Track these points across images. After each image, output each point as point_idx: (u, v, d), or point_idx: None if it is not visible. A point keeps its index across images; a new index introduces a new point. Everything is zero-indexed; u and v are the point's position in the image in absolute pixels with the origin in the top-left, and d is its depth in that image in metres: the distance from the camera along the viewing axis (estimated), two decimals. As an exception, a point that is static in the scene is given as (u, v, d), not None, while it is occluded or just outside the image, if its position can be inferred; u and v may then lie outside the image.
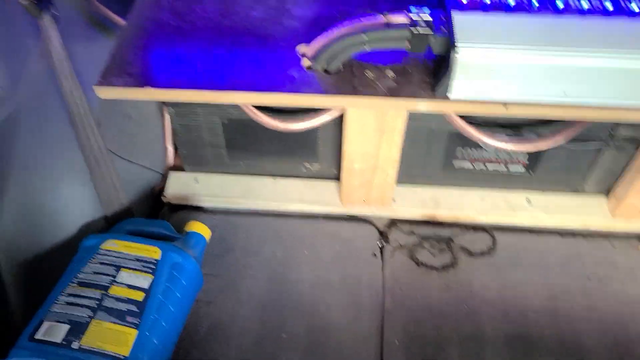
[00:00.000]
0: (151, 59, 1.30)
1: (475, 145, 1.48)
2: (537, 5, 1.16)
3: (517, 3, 1.17)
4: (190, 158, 1.69)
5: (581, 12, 1.15)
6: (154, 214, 1.69)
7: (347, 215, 1.63)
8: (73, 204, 1.45)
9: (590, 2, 1.16)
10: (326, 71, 1.22)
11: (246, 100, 1.25)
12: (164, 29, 1.36)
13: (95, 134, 1.44)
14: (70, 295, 1.25)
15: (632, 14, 1.14)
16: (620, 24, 1.12)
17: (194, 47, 1.31)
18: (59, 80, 1.36)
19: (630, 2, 1.16)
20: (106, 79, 1.26)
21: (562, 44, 1.09)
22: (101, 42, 1.56)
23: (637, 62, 1.06)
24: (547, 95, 1.12)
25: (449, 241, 1.57)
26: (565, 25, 1.12)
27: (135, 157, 1.63)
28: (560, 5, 1.16)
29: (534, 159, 1.50)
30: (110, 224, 1.52)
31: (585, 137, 1.41)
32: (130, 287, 1.28)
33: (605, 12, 1.15)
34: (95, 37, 1.59)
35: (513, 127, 1.40)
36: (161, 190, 1.70)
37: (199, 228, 1.48)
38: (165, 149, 1.73)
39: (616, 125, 1.38)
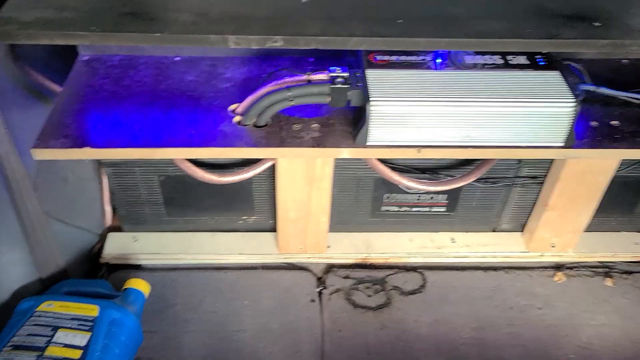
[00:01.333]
0: (88, 122, 1.36)
1: (400, 190, 1.60)
2: (439, 61, 1.33)
3: (421, 61, 1.33)
4: (129, 217, 1.72)
5: (477, 66, 1.32)
6: (93, 275, 1.69)
7: (286, 264, 1.69)
8: (8, 268, 1.45)
9: (484, 59, 1.34)
10: (256, 126, 1.32)
11: (181, 155, 1.32)
12: (101, 94, 1.43)
13: (32, 197, 1.46)
14: None
15: (519, 67, 1.33)
16: (510, 76, 1.30)
17: (130, 109, 1.38)
18: (-5, 145, 1.39)
19: (514, 57, 1.34)
20: (43, 141, 1.31)
21: (462, 94, 1.25)
22: (38, 108, 1.61)
23: (524, 108, 1.23)
24: (453, 139, 1.27)
25: (382, 282, 1.65)
26: (464, 78, 1.29)
27: (73, 219, 1.65)
28: (459, 62, 1.33)
29: (452, 200, 1.64)
30: (46, 287, 1.51)
31: (493, 177, 1.56)
32: (67, 346, 1.28)
33: (496, 67, 1.32)
34: (32, 104, 1.63)
35: (431, 171, 1.54)
36: (99, 251, 1.71)
37: (138, 284, 1.50)
38: (103, 210, 1.76)
39: (519, 165, 1.55)
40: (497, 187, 1.59)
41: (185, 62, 1.53)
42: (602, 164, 1.45)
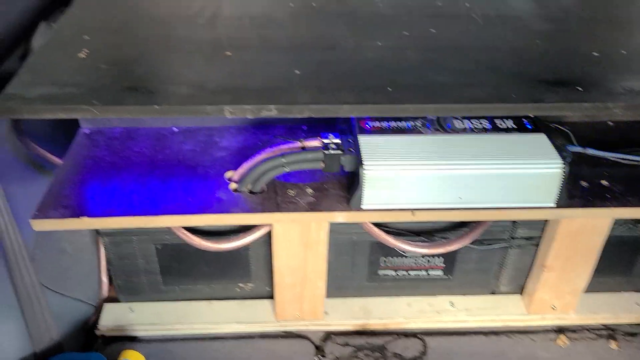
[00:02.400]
0: (87, 192, 1.39)
1: (396, 253, 1.60)
2: (428, 127, 1.37)
3: (412, 126, 1.37)
4: (125, 288, 1.71)
5: (465, 131, 1.36)
6: (88, 347, 1.66)
7: (283, 332, 1.67)
8: (1, 340, 1.42)
9: (471, 123, 1.39)
10: (252, 192, 1.34)
11: (178, 222, 1.34)
12: (100, 164, 1.47)
13: (29, 269, 1.46)
14: None
15: (506, 130, 1.37)
16: (498, 139, 1.34)
17: (129, 179, 1.41)
18: (-5, 217, 1.41)
19: (502, 122, 1.39)
20: (42, 212, 1.33)
21: (452, 158, 1.28)
22: (39, 181, 1.64)
23: (513, 170, 1.26)
24: (445, 201, 1.29)
25: (382, 349, 1.62)
26: (454, 142, 1.33)
27: (69, 291, 1.64)
28: (448, 127, 1.37)
29: (449, 262, 1.63)
30: (40, 360, 1.48)
31: (489, 239, 1.57)
32: (59, 422, 1.24)
33: (485, 130, 1.36)
34: (33, 177, 1.67)
35: (426, 234, 1.55)
36: (95, 322, 1.69)
37: (132, 356, 1.47)
38: (100, 280, 1.75)
39: (514, 226, 1.56)
40: (493, 249, 1.59)
41: (183, 132, 1.58)
42: (595, 224, 1.46)
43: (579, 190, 1.38)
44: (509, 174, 1.26)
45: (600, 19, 1.72)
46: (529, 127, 1.38)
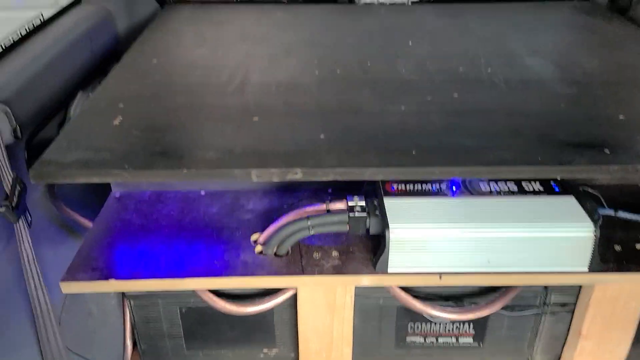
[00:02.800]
0: (115, 254, 1.41)
1: (424, 319, 1.56)
2: (454, 190, 1.37)
3: (437, 189, 1.37)
4: (149, 352, 1.69)
5: (492, 193, 1.35)
6: (108, 414, 1.63)
7: (308, 401, 1.61)
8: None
9: (498, 186, 1.38)
10: (277, 255, 1.34)
11: (203, 285, 1.34)
12: (129, 227, 1.49)
13: (56, 333, 1.46)
14: None
15: (533, 193, 1.35)
16: (525, 202, 1.32)
17: (156, 242, 1.43)
18: (26, 280, 1.43)
19: (529, 184, 1.37)
20: (71, 274, 1.35)
21: (480, 220, 1.27)
22: (69, 243, 1.67)
23: (541, 233, 1.24)
24: (473, 265, 1.27)
25: (411, 422, 1.55)
26: (480, 204, 1.32)
27: (94, 355, 1.63)
28: (474, 189, 1.36)
29: (480, 329, 1.58)
30: None
31: (521, 304, 1.52)
32: None
33: (511, 193, 1.35)
34: (64, 240, 1.70)
35: (455, 299, 1.51)
36: (117, 388, 1.67)
37: None
38: (124, 344, 1.74)
39: (547, 291, 1.51)
40: (526, 316, 1.54)
41: (210, 195, 1.61)
42: (632, 289, 1.40)
43: (612, 254, 1.34)
44: (538, 238, 1.24)
45: (624, 82, 1.72)
46: (557, 190, 1.37)
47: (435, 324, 1.57)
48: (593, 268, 1.27)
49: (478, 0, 2.65)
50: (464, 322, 1.55)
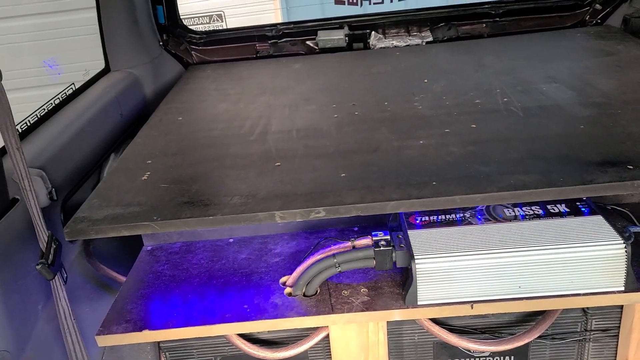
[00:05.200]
0: (148, 306, 1.43)
1: (463, 354, 1.52)
2: (478, 218, 1.36)
3: (461, 218, 1.37)
4: (187, 405, 1.68)
5: (516, 218, 1.34)
6: None
7: None
8: None
9: (523, 211, 1.37)
10: (306, 295, 1.35)
11: (235, 330, 1.34)
12: (161, 279, 1.52)
13: (94, 388, 1.48)
14: None
15: (560, 215, 1.33)
16: (552, 224, 1.31)
17: (187, 290, 1.46)
18: (64, 336, 1.47)
19: (554, 207, 1.36)
20: (106, 327, 1.37)
21: (507, 245, 1.25)
22: (106, 300, 1.71)
23: (571, 254, 1.22)
24: (505, 292, 1.24)
25: None
26: (507, 230, 1.31)
27: (132, 409, 1.63)
28: (499, 216, 1.36)
29: (521, 361, 1.53)
30: None
31: (561, 332, 1.47)
32: None
33: (537, 217, 1.34)
34: (101, 296, 1.74)
35: (491, 331, 1.47)
36: None
37: None
38: (161, 398, 1.73)
39: (587, 317, 1.46)
40: (568, 344, 1.49)
41: (238, 242, 1.63)
42: (675, 308, 1.35)
43: (648, 271, 1.30)
44: (568, 259, 1.22)
45: (643, 100, 1.72)
46: (584, 210, 1.35)
47: (474, 359, 1.53)
48: (629, 287, 1.23)
49: (491, 35, 2.70)
50: (504, 355, 1.51)
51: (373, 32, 2.76)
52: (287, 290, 1.38)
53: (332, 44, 2.73)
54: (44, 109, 2.00)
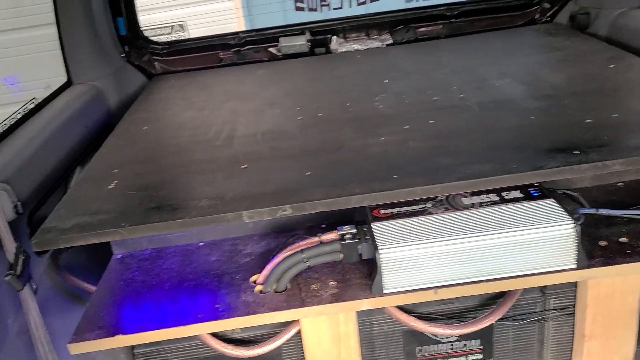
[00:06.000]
0: (120, 312, 1.45)
1: (431, 341, 1.57)
2: (439, 208, 1.42)
3: (422, 209, 1.42)
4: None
5: (474, 206, 1.40)
6: None
7: None
8: None
9: (480, 198, 1.43)
10: (277, 291, 1.38)
11: (208, 329, 1.37)
12: (132, 285, 1.53)
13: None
14: None
15: (514, 201, 1.40)
16: (507, 209, 1.37)
17: (159, 295, 1.47)
18: (36, 348, 1.46)
19: (509, 193, 1.43)
20: (79, 335, 1.38)
21: (465, 231, 1.31)
22: (77, 311, 1.70)
23: (526, 236, 1.29)
24: (465, 276, 1.30)
25: None
26: (465, 217, 1.37)
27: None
28: (457, 204, 1.42)
29: (487, 344, 1.58)
30: None
31: (522, 313, 1.53)
32: None
33: (493, 203, 1.41)
34: (71, 307, 1.74)
35: (457, 317, 1.53)
36: None
37: None
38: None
39: (545, 297, 1.53)
40: (529, 324, 1.55)
41: (208, 245, 1.66)
42: (625, 283, 1.42)
43: (598, 249, 1.37)
44: (523, 241, 1.28)
45: (589, 91, 1.81)
46: (537, 195, 1.42)
47: (442, 344, 1.58)
48: (580, 264, 1.30)
49: (448, 35, 2.79)
50: (470, 338, 1.56)
51: (334, 37, 2.82)
52: (258, 287, 1.41)
53: (295, 50, 2.78)
54: (5, 125, 1.99)
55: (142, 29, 2.78)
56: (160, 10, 4.98)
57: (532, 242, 1.29)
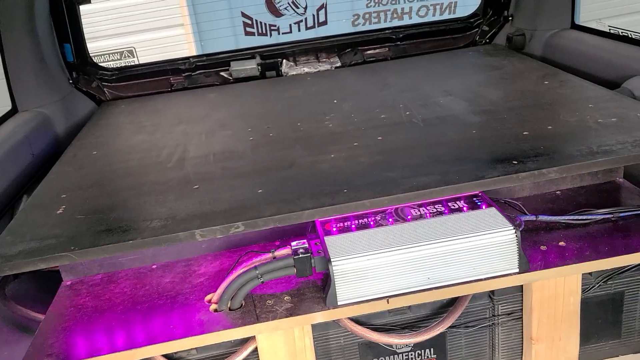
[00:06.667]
0: (71, 338, 1.41)
1: (387, 351, 1.59)
2: (388, 220, 1.46)
3: (372, 221, 1.46)
4: None
5: (423, 217, 1.45)
6: None
7: None
8: None
9: (427, 209, 1.48)
10: (231, 309, 1.38)
11: (162, 350, 1.35)
12: (82, 311, 1.50)
13: None
14: None
15: (459, 210, 1.46)
16: (453, 219, 1.43)
17: (111, 319, 1.44)
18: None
19: (455, 203, 1.49)
20: (26, 365, 1.34)
21: (413, 241, 1.36)
22: (24, 341, 1.65)
23: (469, 243, 1.34)
24: (415, 284, 1.34)
25: None
26: (413, 228, 1.41)
27: None
28: (406, 217, 1.46)
29: (440, 352, 1.62)
30: None
31: (472, 320, 1.58)
32: None
33: (439, 213, 1.46)
34: (18, 338, 1.68)
35: (410, 327, 1.56)
36: None
37: None
38: None
39: (493, 303, 1.58)
40: (478, 330, 1.60)
41: (161, 267, 1.64)
42: (566, 285, 1.50)
43: (539, 254, 1.44)
44: (468, 247, 1.34)
45: (526, 105, 1.91)
46: (480, 204, 1.48)
47: (398, 355, 1.61)
48: (522, 268, 1.36)
49: (394, 57, 2.89)
50: (424, 347, 1.60)
51: (284, 60, 2.88)
52: (213, 306, 1.41)
53: (246, 74, 2.82)
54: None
55: (91, 55, 2.76)
56: (111, 38, 4.93)
57: (477, 249, 1.34)
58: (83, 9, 2.67)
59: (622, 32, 2.46)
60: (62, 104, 2.55)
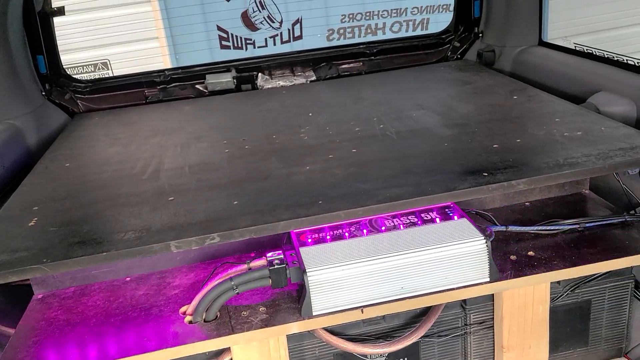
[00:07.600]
0: (42, 352, 1.39)
1: (361, 363, 1.61)
2: (363, 230, 1.48)
3: (347, 232, 1.48)
4: None
5: (396, 227, 1.48)
6: None
7: None
8: None
9: (401, 220, 1.51)
10: (206, 321, 1.38)
11: (137, 364, 1.34)
12: (54, 324, 1.48)
13: None
14: None
15: (432, 221, 1.49)
16: (425, 229, 1.46)
17: (84, 332, 1.43)
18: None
19: (427, 214, 1.52)
20: (-4, 381, 1.31)
21: (387, 252, 1.38)
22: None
23: (441, 252, 1.37)
24: (389, 293, 1.37)
25: None
26: (387, 239, 1.44)
27: None
28: (380, 227, 1.49)
29: (415, 363, 1.65)
30: None
31: (445, 329, 1.61)
32: None
33: (413, 224, 1.49)
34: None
35: (384, 336, 1.58)
36: None
37: None
38: None
39: (465, 312, 1.61)
40: (451, 339, 1.63)
41: (135, 280, 1.63)
42: (535, 293, 1.54)
43: (509, 263, 1.48)
44: (440, 257, 1.37)
45: (495, 119, 1.96)
46: (452, 215, 1.52)
47: (372, 365, 1.63)
48: (493, 277, 1.40)
49: (368, 72, 2.94)
50: (398, 357, 1.62)
51: (260, 74, 2.90)
52: (188, 318, 1.41)
53: (221, 87, 2.83)
54: None
55: (64, 67, 2.74)
56: (85, 50, 4.89)
57: (448, 259, 1.37)
58: (57, 20, 2.65)
59: (587, 50, 2.54)
60: (34, 115, 2.52)
